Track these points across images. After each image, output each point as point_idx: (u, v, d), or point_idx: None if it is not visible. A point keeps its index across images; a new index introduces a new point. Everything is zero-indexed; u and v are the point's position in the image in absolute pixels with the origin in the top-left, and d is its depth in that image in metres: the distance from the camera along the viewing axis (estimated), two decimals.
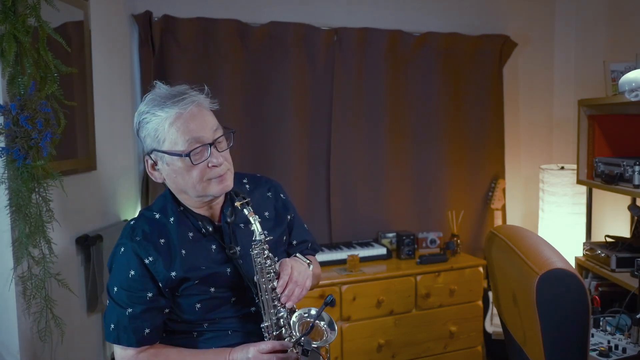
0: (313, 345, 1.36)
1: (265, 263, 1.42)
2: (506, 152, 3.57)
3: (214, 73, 2.92)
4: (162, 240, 1.44)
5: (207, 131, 1.41)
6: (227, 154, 1.47)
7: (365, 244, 3.22)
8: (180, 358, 1.44)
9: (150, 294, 1.41)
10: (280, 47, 3.06)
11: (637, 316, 2.13)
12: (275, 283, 1.44)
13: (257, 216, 1.43)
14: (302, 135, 3.15)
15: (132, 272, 1.41)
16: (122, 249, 1.44)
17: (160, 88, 1.44)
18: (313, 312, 1.44)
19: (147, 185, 2.93)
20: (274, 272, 1.44)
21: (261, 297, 1.43)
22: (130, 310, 1.40)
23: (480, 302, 3.16)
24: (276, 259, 1.49)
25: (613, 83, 2.78)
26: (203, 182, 1.42)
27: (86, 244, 2.20)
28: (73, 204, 2.13)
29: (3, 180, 1.67)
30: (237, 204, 1.43)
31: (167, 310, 1.45)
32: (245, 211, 1.42)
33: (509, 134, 3.61)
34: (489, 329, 3.21)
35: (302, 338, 1.35)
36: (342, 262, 3.03)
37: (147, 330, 1.41)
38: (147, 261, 1.41)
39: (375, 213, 3.32)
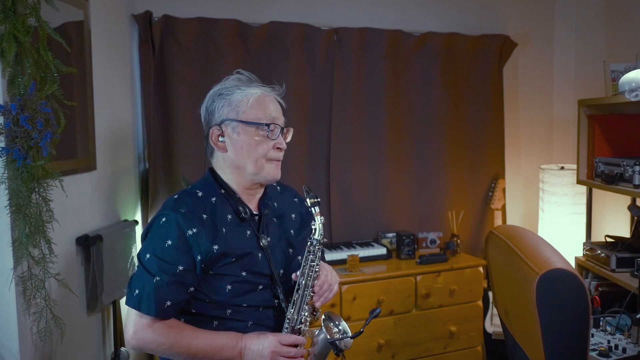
0: (339, 347, 1.53)
1: (315, 262, 1.53)
2: (506, 152, 3.57)
3: (214, 73, 2.92)
4: (205, 216, 1.49)
5: (281, 118, 1.59)
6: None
7: (365, 244, 3.22)
8: (194, 333, 1.46)
9: (180, 268, 1.43)
10: (280, 47, 3.05)
11: (637, 316, 2.13)
12: (315, 282, 1.55)
13: (322, 217, 1.56)
14: (302, 135, 3.14)
15: (170, 242, 1.44)
16: (164, 219, 1.47)
17: (244, 74, 1.60)
18: (341, 326, 1.58)
19: (147, 185, 2.93)
20: (317, 272, 1.55)
21: (299, 291, 1.52)
22: (158, 278, 1.42)
23: (480, 302, 3.15)
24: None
25: (613, 83, 2.78)
26: (265, 159, 1.53)
27: (86, 244, 2.20)
28: (73, 204, 2.13)
29: (3, 180, 1.67)
30: (309, 201, 1.55)
31: (191, 289, 1.47)
32: (313, 210, 1.55)
33: (509, 134, 3.61)
34: (489, 329, 3.21)
35: (343, 339, 1.54)
36: (342, 262, 3.02)
37: (168, 303, 1.43)
38: (189, 233, 1.44)
39: (375, 213, 3.32)
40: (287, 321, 1.52)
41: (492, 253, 1.91)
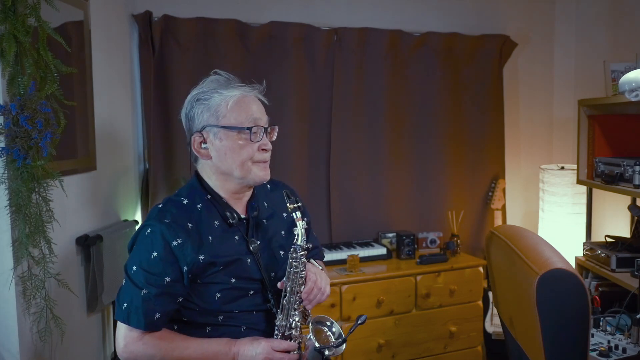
0: (328, 354, 1.49)
1: (299, 268, 1.49)
2: (506, 152, 3.57)
3: None
4: (190, 225, 1.46)
5: (264, 117, 1.54)
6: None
7: (365, 244, 3.22)
8: (185, 343, 1.45)
9: (168, 279, 1.42)
10: (280, 47, 3.05)
11: (637, 316, 2.13)
12: (302, 288, 1.50)
13: (304, 222, 1.49)
14: (302, 135, 3.14)
15: (155, 254, 1.42)
16: (149, 230, 1.44)
17: (222, 74, 1.55)
18: (334, 328, 1.54)
19: (147, 185, 2.93)
20: (302, 277, 1.50)
21: (286, 297, 1.48)
22: (145, 291, 1.41)
23: (480, 302, 3.15)
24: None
25: (613, 83, 2.78)
26: (251, 162, 1.49)
27: (86, 244, 2.20)
28: (73, 204, 2.13)
29: (3, 180, 1.67)
30: (290, 206, 1.49)
31: (180, 299, 1.46)
32: (294, 215, 1.48)
33: (509, 134, 3.61)
34: (489, 329, 3.21)
35: (329, 348, 1.49)
36: (342, 262, 3.02)
37: (157, 315, 1.42)
38: (174, 243, 1.42)
39: (375, 213, 3.32)
40: (277, 328, 1.49)
41: (492, 253, 1.91)
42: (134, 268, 1.43)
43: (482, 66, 3.44)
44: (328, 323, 1.55)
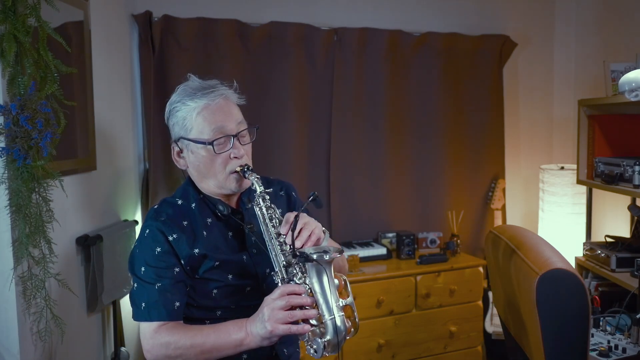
0: (313, 256, 1.32)
1: (265, 209, 1.45)
2: (506, 152, 3.57)
3: (214, 73, 2.90)
4: (185, 222, 1.49)
5: (231, 123, 1.49)
6: (248, 149, 1.54)
7: (365, 244, 3.22)
8: (199, 329, 1.44)
9: (177, 269, 1.45)
10: (280, 47, 3.06)
11: (637, 316, 2.13)
12: (279, 229, 1.43)
13: (257, 175, 1.47)
14: (302, 135, 3.14)
15: (159, 249, 1.45)
16: (147, 230, 1.48)
17: (194, 81, 1.55)
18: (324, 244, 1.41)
19: (147, 185, 2.93)
20: (277, 219, 1.45)
21: (268, 245, 1.44)
22: (159, 284, 1.43)
23: (480, 302, 3.15)
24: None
25: (613, 83, 2.78)
26: (224, 172, 1.49)
27: (86, 244, 2.20)
28: (73, 204, 2.13)
29: (3, 180, 1.67)
30: (237, 168, 1.48)
31: (188, 288, 1.48)
32: (246, 175, 1.47)
33: (509, 134, 3.61)
34: (489, 329, 3.21)
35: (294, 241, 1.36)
36: None
37: (177, 304, 1.44)
38: (171, 238, 1.45)
39: (375, 213, 3.32)
40: (274, 275, 1.41)
41: (492, 253, 1.91)
42: (143, 268, 1.45)
43: (482, 66, 3.44)
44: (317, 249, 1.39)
